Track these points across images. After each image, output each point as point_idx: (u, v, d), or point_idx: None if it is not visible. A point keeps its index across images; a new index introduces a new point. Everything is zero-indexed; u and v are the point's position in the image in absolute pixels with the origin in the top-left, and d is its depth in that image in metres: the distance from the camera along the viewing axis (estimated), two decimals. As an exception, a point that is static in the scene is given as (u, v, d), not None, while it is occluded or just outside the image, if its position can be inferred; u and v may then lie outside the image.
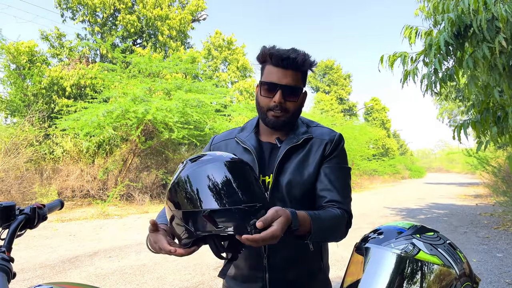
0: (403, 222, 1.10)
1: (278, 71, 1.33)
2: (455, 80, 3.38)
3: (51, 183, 12.76)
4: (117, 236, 7.46)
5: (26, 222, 1.14)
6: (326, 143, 1.39)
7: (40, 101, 14.31)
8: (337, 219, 1.24)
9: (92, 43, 17.09)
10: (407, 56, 3.21)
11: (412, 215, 11.00)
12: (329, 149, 1.38)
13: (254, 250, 1.36)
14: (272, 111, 1.34)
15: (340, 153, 1.41)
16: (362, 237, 1.11)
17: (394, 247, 0.99)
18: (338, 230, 1.25)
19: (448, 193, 19.21)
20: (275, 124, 1.36)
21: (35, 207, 1.18)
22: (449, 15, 2.71)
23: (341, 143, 1.43)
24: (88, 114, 11.41)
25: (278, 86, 1.31)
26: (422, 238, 1.01)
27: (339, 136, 1.43)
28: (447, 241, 1.03)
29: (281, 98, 1.32)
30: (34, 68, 14.17)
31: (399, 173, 40.66)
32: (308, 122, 1.49)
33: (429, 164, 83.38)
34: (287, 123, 1.37)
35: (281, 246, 1.32)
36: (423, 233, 1.03)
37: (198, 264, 5.31)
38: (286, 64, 1.31)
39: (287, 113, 1.35)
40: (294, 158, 1.37)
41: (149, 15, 17.93)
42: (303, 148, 1.39)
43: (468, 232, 8.03)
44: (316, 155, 1.37)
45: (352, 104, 42.69)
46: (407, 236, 1.01)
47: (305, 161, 1.37)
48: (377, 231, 1.10)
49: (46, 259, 5.64)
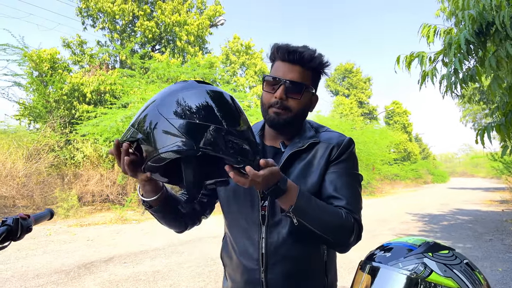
0: (414, 238, 0.98)
1: (284, 65, 1.24)
2: (477, 81, 3.21)
3: (71, 188, 12.94)
4: (133, 242, 7.46)
5: (8, 234, 1.07)
6: (333, 146, 1.26)
7: (62, 107, 14.55)
8: (337, 215, 1.14)
9: (111, 49, 17.34)
10: (425, 56, 3.06)
11: (434, 221, 10.69)
12: (336, 153, 1.26)
13: (250, 262, 1.26)
14: (273, 107, 1.24)
15: (349, 158, 1.28)
16: (368, 254, 1.00)
17: (402, 267, 0.87)
18: (336, 229, 1.13)
19: (473, 199, 18.65)
20: (274, 122, 1.25)
21: (18, 217, 1.11)
22: (470, 12, 2.56)
23: (351, 147, 1.30)
24: (107, 119, 11.54)
25: (280, 81, 1.22)
26: (435, 257, 0.89)
27: (348, 140, 1.30)
28: (464, 261, 0.91)
29: (282, 94, 1.21)
30: (56, 75, 14.44)
31: (421, 178, 39.85)
32: (318, 127, 1.37)
33: (452, 169, 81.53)
34: (288, 122, 1.25)
35: (280, 259, 1.22)
36: (436, 251, 0.91)
37: (213, 271, 5.23)
38: (293, 58, 1.23)
39: (288, 111, 1.24)
40: (297, 164, 1.26)
41: (168, 21, 18.09)
42: (307, 153, 1.27)
43: (493, 240, 7.72)
44: (321, 160, 1.25)
45: (372, 107, 42.10)
46: (418, 255, 0.89)
47: (309, 167, 1.25)
48: (384, 247, 0.98)
49: (62, 264, 5.66)
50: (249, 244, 1.27)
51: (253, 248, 1.26)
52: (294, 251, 1.22)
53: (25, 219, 1.13)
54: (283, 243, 1.22)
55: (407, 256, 0.89)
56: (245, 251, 1.28)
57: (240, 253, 1.30)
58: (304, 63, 1.23)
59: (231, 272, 1.36)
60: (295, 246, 1.21)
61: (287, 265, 1.22)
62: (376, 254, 0.97)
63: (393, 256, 0.91)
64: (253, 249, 1.25)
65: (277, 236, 1.22)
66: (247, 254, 1.27)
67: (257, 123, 1.45)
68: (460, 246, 7.11)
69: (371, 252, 1.00)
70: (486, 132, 3.09)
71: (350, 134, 19.19)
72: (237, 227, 1.32)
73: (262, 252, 1.24)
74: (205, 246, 6.75)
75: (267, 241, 1.23)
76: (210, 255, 6.03)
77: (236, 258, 1.31)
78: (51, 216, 1.30)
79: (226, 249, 1.40)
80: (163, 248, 6.79)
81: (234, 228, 1.34)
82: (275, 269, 1.23)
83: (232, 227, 1.35)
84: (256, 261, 1.25)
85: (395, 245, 0.97)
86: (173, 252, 6.47)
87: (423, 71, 3.15)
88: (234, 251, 1.33)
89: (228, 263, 1.38)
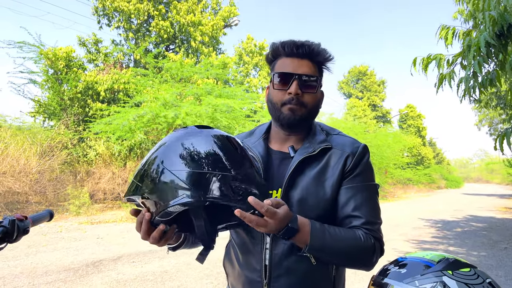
0: (431, 253, 0.91)
1: (293, 61, 1.17)
2: (496, 85, 3.10)
3: (83, 185, 13.04)
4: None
5: (4, 236, 1.03)
6: (348, 155, 1.17)
7: (76, 105, 14.69)
8: (355, 241, 1.05)
9: (126, 48, 17.46)
10: (442, 58, 2.96)
11: (448, 227, 10.48)
12: (351, 164, 1.16)
13: (253, 274, 1.19)
14: (287, 104, 1.16)
15: (365, 169, 1.19)
16: (381, 268, 0.93)
17: (419, 286, 0.80)
18: (357, 255, 1.06)
19: (488, 205, 18.30)
20: (291, 120, 1.16)
21: (14, 219, 1.06)
22: (491, 13, 2.46)
23: (366, 156, 1.21)
24: (120, 118, 11.60)
25: (294, 76, 1.14)
26: (455, 275, 0.81)
27: (363, 148, 1.21)
28: (486, 280, 0.83)
29: (297, 89, 1.14)
30: (71, 73, 14.58)
31: (434, 183, 39.30)
32: (329, 130, 1.28)
33: (467, 174, 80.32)
34: (304, 120, 1.17)
35: (284, 272, 1.15)
36: (457, 269, 0.83)
37: (221, 273, 5.18)
38: (302, 52, 1.16)
39: (304, 107, 1.16)
40: (308, 172, 1.16)
41: (182, 21, 18.16)
42: (319, 160, 1.18)
43: (508, 248, 7.52)
44: (335, 170, 1.16)
45: (386, 110, 41.70)
46: (437, 273, 0.82)
47: (322, 175, 1.16)
48: (398, 262, 0.91)
49: (71, 262, 5.67)
50: (252, 255, 1.20)
51: (256, 259, 1.19)
52: (300, 264, 1.14)
53: (22, 220, 1.09)
54: (288, 255, 1.14)
55: (424, 273, 0.82)
56: (248, 261, 1.21)
57: (242, 263, 1.23)
58: (313, 57, 1.18)
59: (234, 282, 1.30)
60: (301, 258, 1.13)
61: (292, 279, 1.15)
62: (390, 269, 0.90)
63: (409, 273, 0.84)
64: (256, 260, 1.19)
65: (282, 248, 1.15)
66: (250, 265, 1.20)
67: (261, 125, 1.37)
68: (475, 254, 6.94)
69: (384, 266, 0.93)
70: (506, 138, 2.98)
71: (363, 137, 19.06)
72: (240, 236, 1.26)
73: (265, 264, 1.17)
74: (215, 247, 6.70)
75: (271, 253, 1.16)
76: (219, 257, 5.95)
77: (239, 268, 1.25)
78: (51, 217, 1.26)
79: (229, 257, 1.34)
80: (172, 248, 6.76)
81: (238, 237, 1.28)
82: (279, 282, 1.15)
83: (236, 236, 1.29)
84: (259, 272, 1.18)
85: (411, 260, 0.89)
86: (182, 252, 6.40)
87: (440, 74, 3.06)
88: (237, 260, 1.27)
89: (230, 273, 1.32)
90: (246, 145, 1.26)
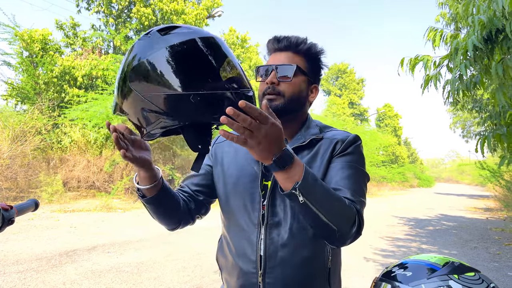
0: (435, 256, 0.90)
1: (275, 54, 1.25)
2: (480, 88, 3.16)
3: (57, 172, 12.72)
4: (118, 231, 7.34)
5: (-12, 226, 0.97)
6: (337, 141, 1.19)
7: (51, 89, 14.27)
8: (341, 200, 1.01)
9: (106, 34, 17.03)
10: (430, 60, 3.00)
11: (420, 226, 10.74)
12: (340, 147, 1.18)
13: (247, 265, 1.17)
14: (266, 95, 1.19)
15: (354, 151, 1.19)
16: (384, 270, 0.92)
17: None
18: (340, 214, 1.00)
19: (458, 205, 18.83)
20: None
21: (0, 208, 1.00)
22: (480, 17, 2.49)
23: (357, 142, 1.22)
24: (98, 105, 11.36)
25: (271, 67, 1.20)
26: (461, 280, 0.81)
27: (354, 136, 1.23)
28: (491, 284, 0.83)
29: (273, 78, 1.18)
30: (47, 57, 14.14)
31: (407, 181, 40.16)
32: (323, 127, 1.30)
33: (438, 174, 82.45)
34: (282, 108, 1.17)
35: (279, 262, 1.14)
36: (462, 273, 0.83)
37: (198, 266, 5.14)
38: (282, 45, 1.24)
39: (281, 96, 1.18)
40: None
41: (165, 8, 17.83)
42: (310, 149, 1.20)
43: (478, 248, 7.76)
44: (325, 156, 1.18)
45: (364, 109, 42.26)
46: (443, 276, 0.81)
47: (312, 162, 1.17)
48: (403, 265, 0.90)
49: (43, 250, 5.52)
50: (247, 245, 1.19)
51: (250, 250, 1.17)
52: (295, 255, 1.13)
53: (7, 210, 1.03)
54: (283, 245, 1.14)
55: (431, 277, 0.81)
56: (242, 252, 1.20)
57: (237, 254, 1.21)
58: (292, 48, 1.23)
59: (227, 275, 1.27)
60: (296, 249, 1.13)
61: (287, 270, 1.14)
62: (394, 272, 0.88)
63: (415, 276, 0.83)
64: (251, 250, 1.17)
65: (276, 238, 1.14)
66: (244, 256, 1.19)
67: None
68: (446, 253, 7.13)
69: (387, 269, 0.92)
70: (486, 141, 3.04)
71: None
72: (234, 227, 1.24)
73: (260, 254, 1.16)
74: (192, 240, 6.64)
75: (266, 243, 1.15)
76: (196, 249, 5.94)
77: (232, 259, 1.23)
78: (36, 207, 1.20)
79: (222, 251, 1.32)
80: (148, 239, 6.68)
81: (232, 227, 1.26)
82: (274, 273, 1.14)
83: (230, 226, 1.27)
84: (253, 263, 1.16)
85: (416, 263, 0.89)
86: (159, 243, 6.36)
87: (427, 75, 3.09)
88: (230, 252, 1.24)
89: (224, 266, 1.30)
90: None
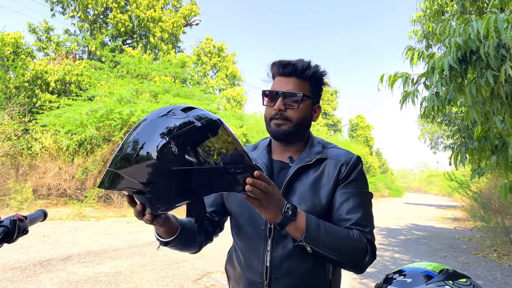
0: (431, 264, 1.00)
1: (281, 80, 1.30)
2: (454, 105, 3.35)
3: (26, 180, 12.35)
4: (93, 240, 7.20)
5: (4, 236, 1.00)
6: (342, 164, 1.28)
7: (22, 94, 13.91)
8: (348, 237, 1.13)
9: (81, 39, 16.77)
10: (408, 77, 3.16)
11: (392, 235, 11.01)
12: (345, 171, 1.26)
13: (254, 275, 1.25)
14: (273, 119, 1.28)
15: (359, 176, 1.29)
16: (384, 277, 1.00)
17: (424, 294, 0.88)
18: (350, 252, 1.13)
19: (427, 215, 19.38)
20: (276, 133, 1.28)
21: (16, 219, 1.03)
22: (456, 39, 2.67)
23: (359, 165, 1.31)
24: (71, 111, 11.13)
25: (278, 93, 1.26)
26: (455, 285, 0.90)
27: (356, 158, 1.31)
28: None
29: (280, 105, 1.25)
30: (18, 60, 13.78)
31: (378, 191, 40.97)
32: (325, 144, 1.39)
33: (408, 184, 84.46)
34: (289, 133, 1.27)
35: (284, 273, 1.21)
36: (456, 279, 0.92)
37: (177, 275, 5.12)
38: (288, 71, 1.29)
39: (289, 121, 1.27)
40: (305, 179, 1.26)
41: (142, 15, 17.74)
42: (315, 168, 1.28)
43: (448, 257, 8.04)
44: (331, 178, 1.26)
45: (337, 119, 43.01)
46: (439, 283, 0.90)
47: (318, 182, 1.25)
48: (401, 272, 0.99)
49: (16, 260, 5.37)
50: (254, 257, 1.26)
51: (257, 261, 1.25)
52: (299, 266, 1.21)
53: (22, 220, 1.06)
54: (288, 257, 1.21)
55: (428, 283, 0.90)
56: (249, 264, 1.27)
57: (244, 265, 1.29)
58: (298, 74, 1.29)
59: (235, 284, 1.35)
60: (300, 261, 1.21)
61: (291, 280, 1.21)
62: (395, 278, 0.97)
63: (414, 283, 0.92)
64: (258, 262, 1.25)
65: (282, 250, 1.22)
66: (251, 267, 1.26)
67: (265, 139, 1.47)
68: (418, 261, 7.35)
69: (388, 275, 1.00)
70: (459, 155, 3.22)
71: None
72: (243, 239, 1.32)
73: (266, 265, 1.23)
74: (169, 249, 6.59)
75: (272, 255, 1.22)
76: (174, 259, 5.90)
77: (240, 270, 1.31)
78: (45, 217, 1.23)
79: (231, 261, 1.39)
80: (125, 248, 6.60)
81: (240, 240, 1.34)
82: (279, 283, 1.22)
83: (239, 239, 1.35)
84: (260, 274, 1.24)
85: (414, 270, 0.98)
86: (135, 253, 6.29)
87: (405, 92, 3.25)
88: (238, 264, 1.32)
89: (232, 276, 1.37)
90: (252, 157, 1.30)
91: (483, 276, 6.40)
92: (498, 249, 8.67)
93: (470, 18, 2.66)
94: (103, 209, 11.86)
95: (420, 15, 8.74)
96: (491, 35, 2.31)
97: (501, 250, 8.56)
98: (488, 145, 3.12)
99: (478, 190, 12.12)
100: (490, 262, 7.53)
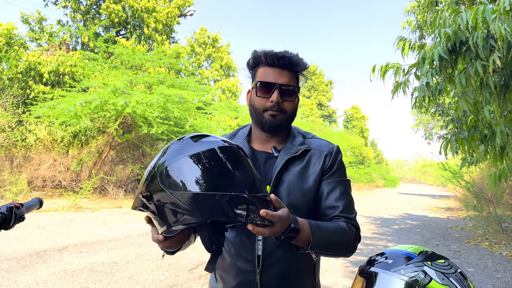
0: (411, 246, 1.05)
1: (275, 71, 1.31)
2: (444, 95, 3.39)
3: (21, 171, 12.33)
4: (88, 231, 7.24)
5: (1, 223, 1.03)
6: (326, 155, 1.36)
7: (16, 85, 13.81)
8: (343, 232, 1.21)
9: (74, 29, 16.63)
10: (399, 67, 3.20)
11: (386, 224, 11.13)
12: (329, 162, 1.35)
13: (245, 264, 1.28)
14: (269, 111, 1.29)
15: (340, 166, 1.39)
16: (367, 259, 1.05)
17: (404, 274, 0.93)
18: (345, 244, 1.22)
19: (421, 205, 19.57)
20: (272, 125, 1.30)
21: (12, 206, 1.07)
22: (446, 30, 2.70)
23: (340, 155, 1.41)
24: (65, 102, 11.08)
25: (275, 85, 1.28)
26: (433, 266, 0.95)
27: (337, 149, 1.40)
28: (458, 270, 0.98)
29: (278, 98, 1.28)
30: (11, 52, 13.67)
31: (373, 182, 41.25)
32: (304, 133, 1.45)
33: (402, 175, 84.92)
34: (283, 125, 1.32)
35: (275, 261, 1.26)
36: (434, 260, 0.97)
37: (173, 265, 5.18)
38: (283, 63, 1.30)
39: (284, 114, 1.31)
40: (293, 169, 1.32)
41: (136, 6, 17.59)
42: (301, 159, 1.34)
43: (440, 245, 8.16)
44: (316, 167, 1.33)
45: (332, 110, 43.08)
46: (418, 263, 0.95)
47: (305, 172, 1.32)
48: (383, 254, 1.04)
49: (12, 251, 5.40)
50: (245, 247, 1.29)
51: (248, 251, 1.28)
52: (289, 253, 1.24)
53: (18, 207, 1.09)
54: (279, 245, 1.26)
55: (408, 264, 0.95)
56: (240, 253, 1.30)
57: (235, 255, 1.31)
58: (292, 67, 1.31)
59: (223, 274, 1.36)
60: (290, 248, 1.22)
61: (283, 266, 1.26)
62: (376, 260, 1.02)
63: (395, 263, 0.96)
64: (249, 251, 1.28)
65: (273, 239, 1.25)
66: (242, 256, 1.29)
67: (243, 128, 1.49)
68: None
69: (371, 257, 1.05)
70: (449, 144, 3.28)
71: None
72: (233, 229, 1.34)
73: (258, 254, 1.27)
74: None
75: (264, 244, 1.26)
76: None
77: (230, 260, 1.32)
78: (41, 205, 1.27)
79: None
80: (120, 239, 6.64)
81: (231, 229, 1.35)
82: (271, 270, 1.26)
83: (229, 228, 1.36)
84: (251, 263, 1.27)
85: (395, 252, 1.02)
86: (131, 243, 6.34)
87: (396, 82, 3.29)
88: (228, 253, 1.34)
89: (219, 265, 1.38)
90: None
91: (475, 264, 6.51)
92: (490, 237, 8.80)
93: (459, 9, 2.69)
94: (99, 200, 11.88)
95: (414, 6, 8.74)
96: (479, 26, 2.35)
97: (493, 238, 8.70)
98: (478, 134, 3.18)
99: (471, 180, 12.25)
100: (482, 250, 7.66)
